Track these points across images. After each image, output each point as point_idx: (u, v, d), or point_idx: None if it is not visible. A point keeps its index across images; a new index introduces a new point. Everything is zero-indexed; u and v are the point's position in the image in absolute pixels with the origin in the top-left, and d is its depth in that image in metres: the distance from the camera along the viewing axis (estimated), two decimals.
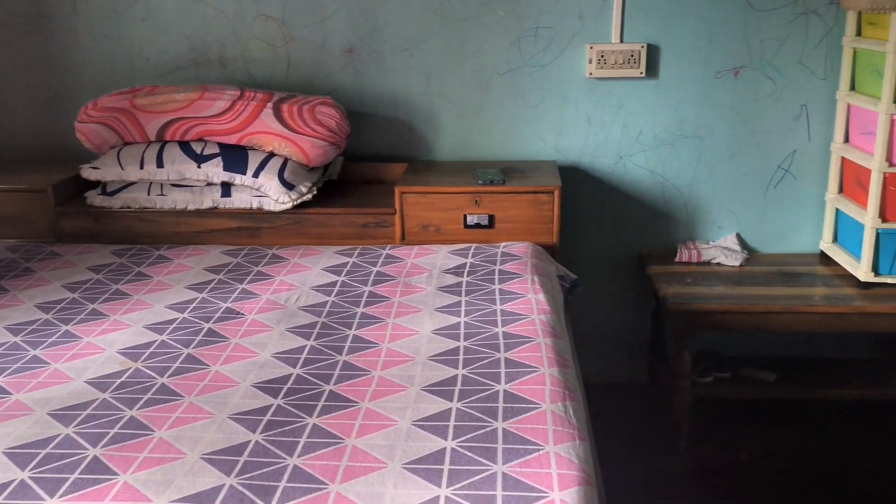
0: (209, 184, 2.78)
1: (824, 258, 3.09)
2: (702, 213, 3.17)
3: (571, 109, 3.08)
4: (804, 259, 3.12)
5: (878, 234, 2.75)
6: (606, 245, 3.22)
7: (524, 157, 3.14)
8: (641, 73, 3.00)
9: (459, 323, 2.08)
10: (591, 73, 3.01)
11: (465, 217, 2.74)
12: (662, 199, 3.16)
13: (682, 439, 2.85)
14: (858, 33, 2.89)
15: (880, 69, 2.65)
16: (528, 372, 1.78)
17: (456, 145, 3.15)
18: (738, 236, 3.18)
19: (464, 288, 2.31)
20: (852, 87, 2.95)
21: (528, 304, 2.16)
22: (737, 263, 3.04)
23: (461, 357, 1.88)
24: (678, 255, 3.09)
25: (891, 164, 2.69)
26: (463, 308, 2.17)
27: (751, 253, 3.17)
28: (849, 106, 2.94)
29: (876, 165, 2.69)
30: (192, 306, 2.20)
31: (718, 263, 3.06)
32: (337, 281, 2.38)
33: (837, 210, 3.02)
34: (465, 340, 1.97)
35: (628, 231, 3.20)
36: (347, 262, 2.51)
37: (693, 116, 3.06)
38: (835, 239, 3.10)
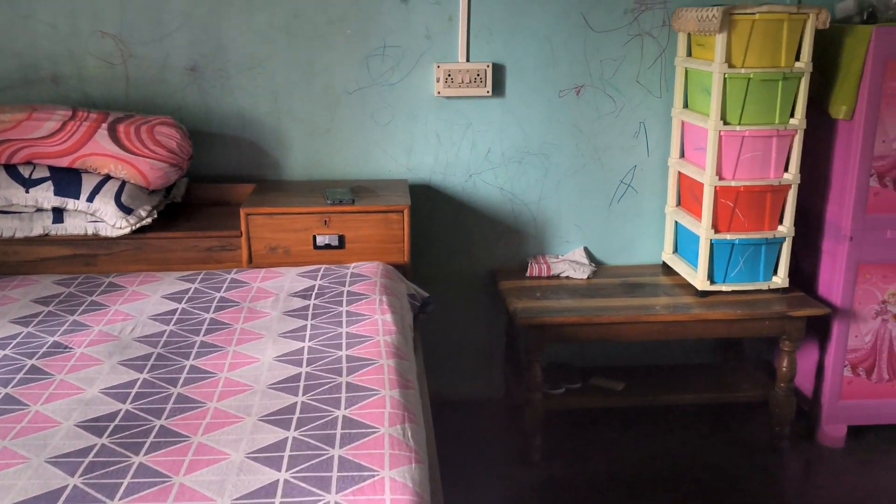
0: (39, 209, 2.62)
1: (667, 269, 3.23)
2: (550, 228, 3.25)
3: (421, 128, 3.09)
4: (648, 270, 3.25)
5: (711, 245, 2.90)
6: (460, 262, 3.24)
7: (376, 175, 3.13)
8: (488, 91, 3.05)
9: (303, 348, 2.03)
10: (439, 92, 3.04)
11: (314, 238, 2.70)
12: (512, 216, 3.22)
13: (535, 452, 2.90)
14: (689, 54, 3.04)
15: (708, 88, 2.79)
16: (368, 396, 1.76)
17: (306, 165, 3.10)
18: (586, 250, 3.28)
19: (310, 311, 2.27)
20: (686, 105, 3.10)
21: (375, 326, 2.14)
22: (584, 276, 3.12)
23: (302, 384, 1.84)
24: (529, 269, 3.15)
25: (721, 178, 2.84)
26: (308, 332, 2.13)
27: (598, 265, 3.27)
28: (683, 123, 3.08)
29: (707, 179, 2.83)
30: (14, 342, 2.06)
31: (567, 277, 3.14)
32: (177, 309, 2.28)
33: (676, 222, 3.16)
34: (307, 366, 1.93)
35: (480, 247, 3.24)
36: (189, 289, 2.42)
37: (539, 134, 3.14)
38: (675, 250, 3.24)
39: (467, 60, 3.04)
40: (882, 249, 2.89)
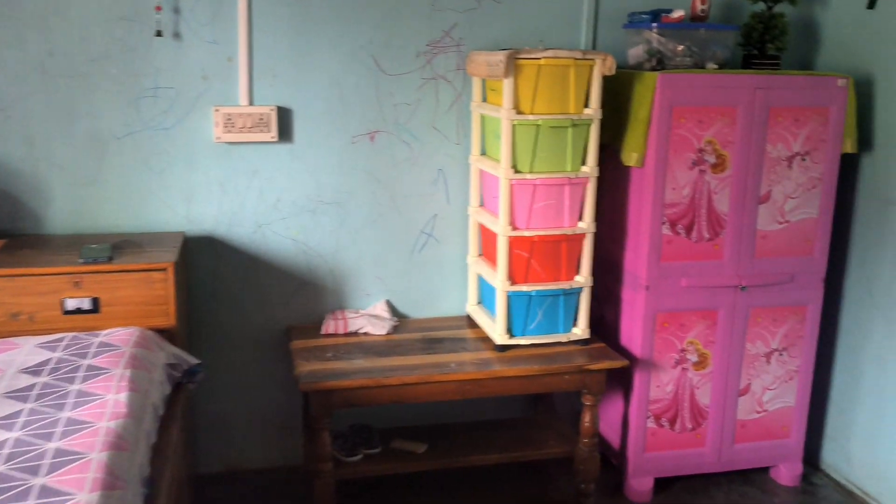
0: None
1: (471, 321, 3.09)
2: (349, 280, 3.05)
3: (201, 176, 2.84)
4: (452, 323, 3.10)
5: (508, 297, 2.77)
6: (252, 320, 2.99)
7: (152, 228, 2.84)
8: (274, 137, 2.84)
9: (6, 441, 1.73)
10: (219, 137, 2.80)
11: (63, 302, 2.38)
12: (307, 269, 3.00)
13: None
14: (484, 99, 2.94)
15: (501, 134, 2.69)
16: (60, 502, 1.48)
17: (70, 217, 2.78)
18: (388, 303, 3.10)
19: (36, 392, 1.96)
20: (483, 152, 2.99)
21: (103, 409, 1.86)
22: (384, 332, 2.94)
23: None
24: (324, 326, 2.94)
25: (514, 228, 2.72)
26: (22, 419, 1.83)
27: (401, 319, 3.10)
28: (480, 171, 2.97)
29: (500, 230, 2.72)
30: None
31: (366, 333, 2.94)
32: None
33: (479, 273, 3.03)
34: (3, 463, 1.63)
35: (274, 304, 3.00)
36: None
37: (332, 182, 2.95)
38: (480, 301, 3.11)
39: (250, 104, 2.82)
40: (678, 298, 2.85)
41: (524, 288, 2.76)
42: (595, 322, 3.06)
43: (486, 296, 3.02)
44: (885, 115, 2.87)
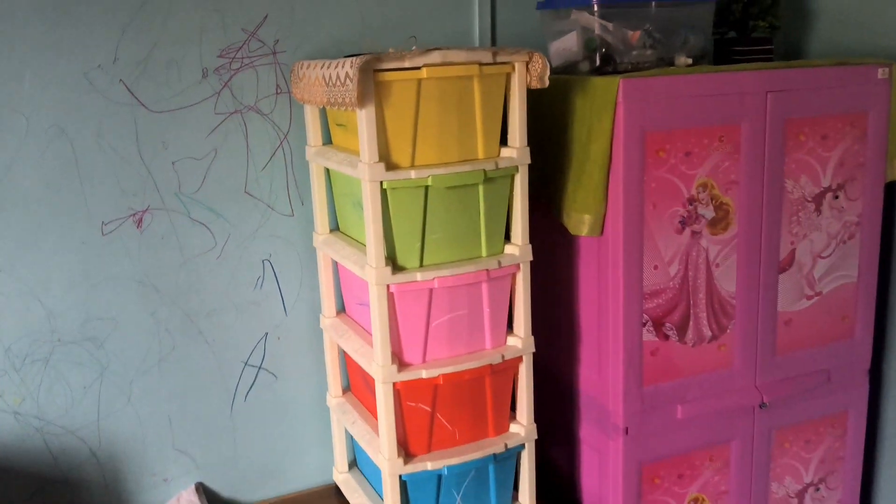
0: None
1: (341, 496, 1.89)
2: (129, 464, 1.79)
3: None
4: (313, 500, 1.89)
5: (403, 483, 1.60)
6: None
7: None
8: None
9: None
10: None
11: None
12: (50, 458, 1.72)
13: None
14: (328, 141, 1.76)
15: (361, 201, 1.51)
16: None
17: None
18: (200, 487, 1.86)
19: None
20: (336, 227, 1.80)
21: None
22: None
23: None
24: None
25: (402, 366, 1.55)
26: None
27: None
28: (334, 262, 1.78)
29: (379, 374, 1.53)
30: None
31: None
32: None
33: (349, 427, 1.84)
34: None
35: None
36: None
37: (73, 306, 1.69)
38: (353, 464, 1.92)
39: None
40: (673, 437, 1.77)
41: (428, 464, 1.60)
42: (545, 475, 1.94)
43: (363, 457, 1.84)
44: None
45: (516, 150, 1.56)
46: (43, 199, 1.62)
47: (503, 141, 1.58)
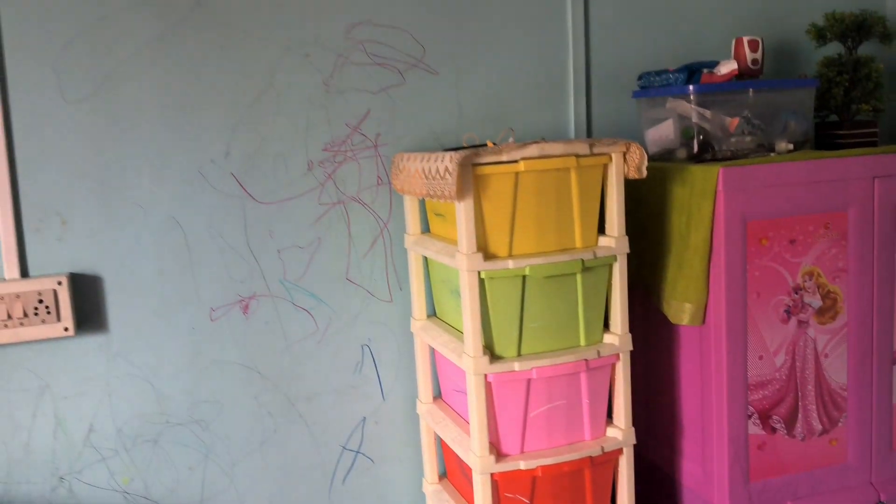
0: None
1: None
2: None
3: None
4: None
5: None
6: None
7: None
8: (67, 329, 1.63)
9: None
10: None
11: None
12: None
13: None
14: (426, 230, 1.80)
15: (458, 289, 1.53)
16: None
17: None
18: None
19: None
20: (433, 312, 1.83)
21: None
22: None
23: None
24: None
25: (499, 457, 1.54)
26: None
27: None
28: (431, 348, 1.80)
29: (476, 464, 1.53)
30: None
31: None
32: None
33: None
34: None
35: None
36: None
37: (183, 389, 1.75)
38: None
39: (21, 275, 1.62)
40: None
41: None
42: None
43: None
44: None
45: (614, 239, 1.56)
46: (157, 286, 1.71)
47: (601, 230, 1.58)
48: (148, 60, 1.64)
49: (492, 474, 1.53)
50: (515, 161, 1.46)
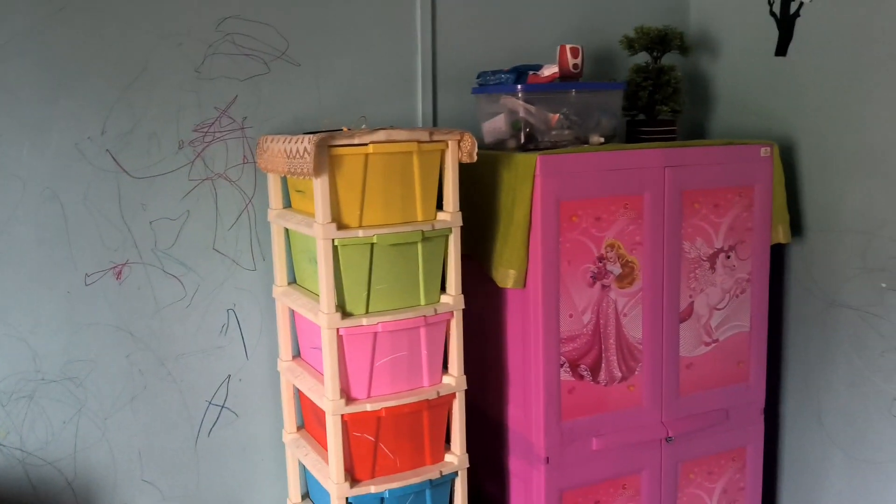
0: None
1: None
2: (102, 494, 1.98)
3: None
4: None
5: None
6: None
7: None
8: None
9: None
10: None
11: None
12: (30, 487, 1.90)
13: None
14: (288, 205, 2.01)
15: (316, 258, 1.76)
16: None
17: None
18: None
19: None
20: (293, 280, 2.05)
21: None
22: None
23: None
24: None
25: (349, 400, 1.78)
26: None
27: None
28: (291, 309, 2.02)
29: (329, 406, 1.76)
30: None
31: None
32: None
33: (302, 460, 2.05)
34: None
35: None
36: None
37: (58, 348, 1.89)
38: (306, 494, 2.13)
39: None
40: (589, 466, 2.01)
41: (371, 488, 1.82)
42: (473, 499, 2.17)
43: (315, 489, 2.04)
44: (817, 191, 2.21)
45: (450, 214, 1.83)
46: (34, 253, 1.84)
47: (440, 206, 1.85)
48: (28, 42, 1.78)
49: (342, 416, 1.77)
50: (365, 144, 1.70)
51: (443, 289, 1.88)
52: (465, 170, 1.90)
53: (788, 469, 2.37)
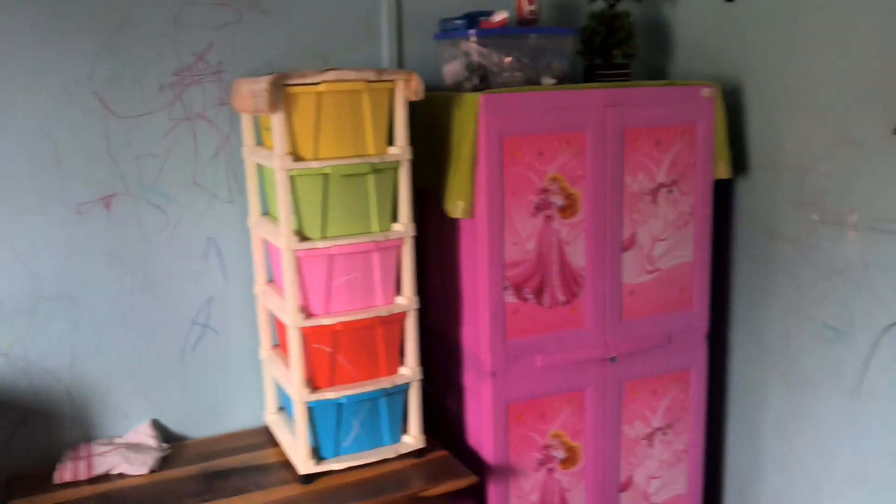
0: None
1: (271, 436, 2.32)
2: (95, 401, 2.22)
3: None
4: (245, 441, 2.32)
5: (310, 409, 2.03)
6: None
7: None
8: None
9: None
10: None
11: None
12: (33, 393, 2.15)
13: None
14: (259, 142, 2.20)
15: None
16: None
17: None
18: (155, 423, 2.29)
19: None
20: (266, 212, 2.25)
21: None
22: (145, 470, 2.12)
23: None
24: (59, 472, 2.09)
25: (308, 315, 1.99)
26: None
27: (176, 443, 2.29)
28: (265, 240, 2.22)
29: (289, 319, 1.97)
30: None
31: (120, 474, 2.12)
32: None
33: (275, 374, 2.27)
34: None
35: None
36: None
37: (55, 270, 2.12)
38: (282, 407, 2.35)
39: None
40: (533, 382, 2.20)
41: (330, 394, 2.03)
42: (438, 414, 2.38)
43: (287, 401, 2.26)
44: (759, 129, 2.34)
45: (400, 148, 2.01)
46: (31, 185, 2.06)
47: (391, 142, 2.03)
48: None
49: (301, 328, 1.98)
50: (317, 83, 1.88)
51: (395, 218, 2.06)
52: (423, 110, 2.06)
53: (734, 391, 2.54)
